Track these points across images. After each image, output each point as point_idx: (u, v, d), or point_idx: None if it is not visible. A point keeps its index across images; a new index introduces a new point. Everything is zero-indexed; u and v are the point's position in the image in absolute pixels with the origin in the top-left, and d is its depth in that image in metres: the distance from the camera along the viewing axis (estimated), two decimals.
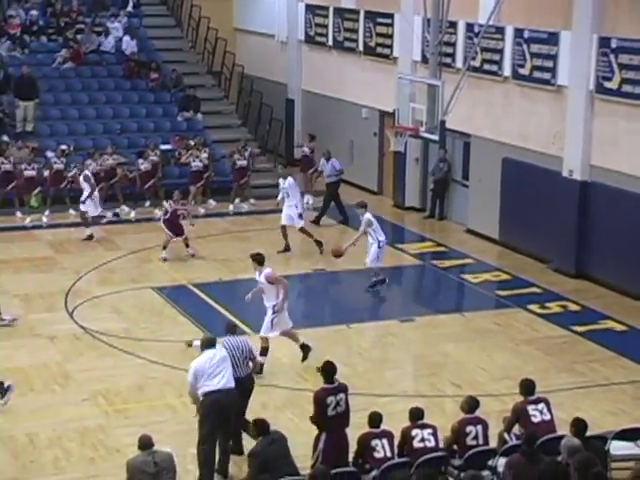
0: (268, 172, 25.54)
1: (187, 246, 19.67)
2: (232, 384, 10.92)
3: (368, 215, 17.73)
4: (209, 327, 15.49)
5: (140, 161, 23.34)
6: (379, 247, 17.62)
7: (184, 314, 16.55)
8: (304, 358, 14.30)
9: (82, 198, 20.78)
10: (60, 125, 25.45)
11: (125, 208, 22.90)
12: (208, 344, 11.14)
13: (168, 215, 19.52)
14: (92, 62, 27.34)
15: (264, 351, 13.94)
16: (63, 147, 23.48)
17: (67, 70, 26.83)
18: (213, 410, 10.76)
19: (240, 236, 21.46)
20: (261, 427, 10.08)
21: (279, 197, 20.35)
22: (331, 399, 10.37)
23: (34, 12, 27.76)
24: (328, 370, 10.61)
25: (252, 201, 23.85)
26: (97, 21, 28.18)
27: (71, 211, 22.47)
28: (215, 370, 10.81)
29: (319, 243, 20.04)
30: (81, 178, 20.95)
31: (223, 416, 10.82)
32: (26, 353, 14.78)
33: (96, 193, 20.97)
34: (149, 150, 23.66)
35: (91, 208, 20.86)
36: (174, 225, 19.47)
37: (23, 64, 25.68)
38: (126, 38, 27.73)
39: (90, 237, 20.72)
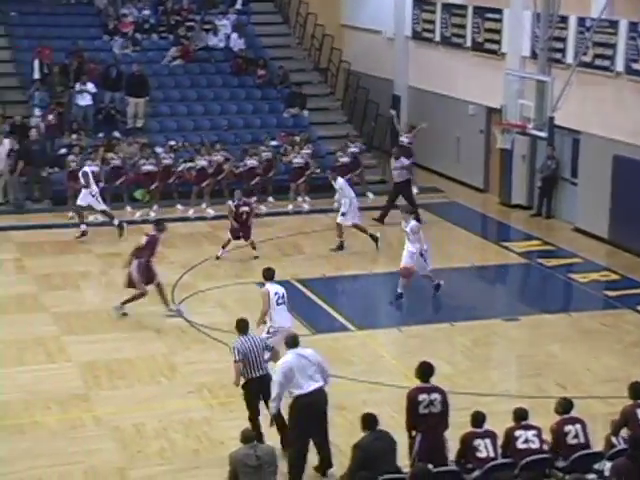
0: (374, 168, 25.53)
1: (254, 248, 19.22)
2: (321, 383, 10.87)
3: (414, 223, 16.98)
4: (312, 322, 15.57)
5: (247, 158, 23.61)
6: (421, 255, 16.81)
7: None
8: None
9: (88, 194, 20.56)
10: (169, 121, 25.91)
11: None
12: (294, 343, 11.07)
13: (233, 215, 19.14)
14: (201, 59, 27.75)
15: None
16: (171, 143, 23.89)
17: (176, 67, 27.31)
18: (304, 413, 10.73)
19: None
20: (369, 422, 10.03)
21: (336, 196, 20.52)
22: (424, 397, 10.24)
23: (146, 11, 28.30)
24: (424, 370, 10.48)
25: (370, 196, 23.90)
26: (206, 19, 28.57)
27: (178, 206, 22.88)
28: (302, 373, 10.75)
29: (374, 237, 19.94)
30: (79, 174, 20.69)
31: (315, 418, 10.79)
32: (134, 345, 15.07)
33: (95, 188, 20.69)
34: (258, 146, 23.94)
35: (93, 202, 20.64)
36: (238, 226, 19.06)
37: (134, 62, 26.23)
38: (234, 35, 28.06)
39: (84, 234, 20.41)
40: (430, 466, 9.53)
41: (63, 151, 23.38)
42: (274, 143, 24.65)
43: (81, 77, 24.90)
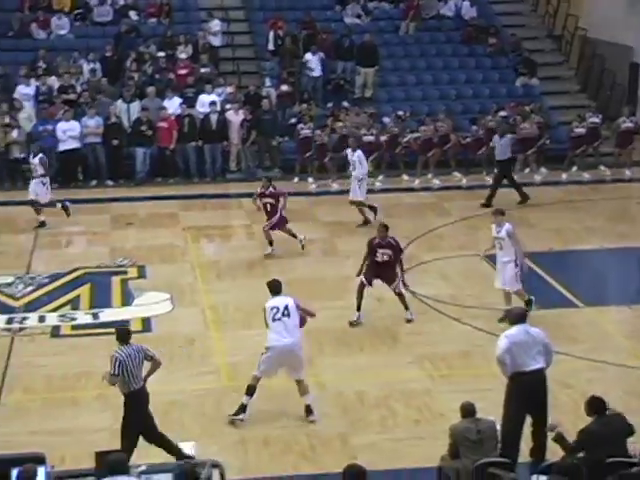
0: (607, 140, 24.59)
1: (294, 237, 17.94)
2: (542, 365, 10.49)
3: (509, 225, 14.67)
4: (537, 297, 15.19)
5: (474, 127, 23.29)
6: (516, 265, 14.53)
7: None
8: None
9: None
10: (398, 91, 25.92)
11: (457, 174, 22.95)
12: (519, 318, 10.69)
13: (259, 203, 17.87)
14: (432, 28, 27.56)
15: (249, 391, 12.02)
16: (399, 113, 23.90)
17: (407, 37, 27.26)
18: (521, 393, 10.41)
19: (574, 206, 20.84)
20: (596, 406, 9.65)
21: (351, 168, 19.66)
22: None
23: None
24: None
25: (602, 168, 23.13)
26: None
27: (404, 176, 22.89)
28: (527, 350, 10.41)
29: (373, 208, 19.39)
30: (36, 160, 19.75)
31: (532, 400, 10.45)
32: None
33: (47, 179, 19.84)
34: (486, 116, 23.58)
35: (42, 194, 19.68)
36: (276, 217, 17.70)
37: (365, 31, 26.38)
38: (466, 3, 27.68)
39: (42, 224, 19.62)
40: None
41: (293, 120, 23.89)
42: (503, 113, 24.17)
43: (311, 47, 25.32)
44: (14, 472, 8.12)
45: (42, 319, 15.08)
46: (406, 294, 15.10)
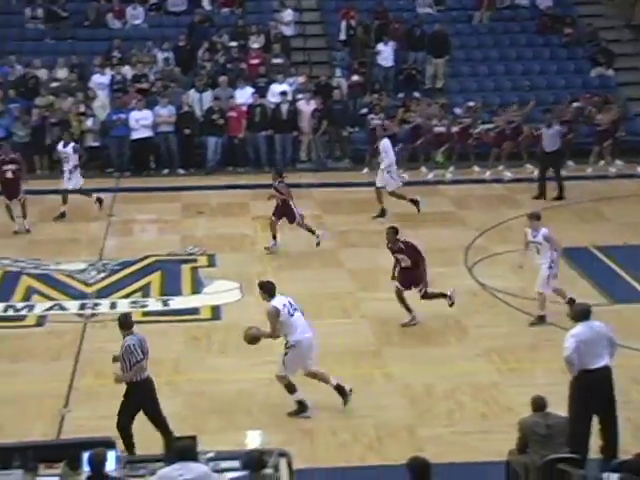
0: None
1: (312, 232, 17.63)
2: (607, 361, 10.25)
3: (546, 230, 14.26)
4: (610, 292, 14.96)
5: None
6: (550, 267, 14.12)
7: (584, 276, 16.11)
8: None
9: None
10: (470, 82, 25.69)
11: (529, 166, 22.67)
12: (584, 315, 10.41)
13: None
14: (506, 18, 27.26)
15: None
16: (470, 104, 23.68)
17: (480, 26, 26.99)
18: (586, 391, 10.22)
19: None
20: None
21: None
22: None
23: None
24: None
25: None
26: None
27: (475, 168, 22.70)
28: (593, 347, 10.19)
29: (415, 202, 19.15)
30: (70, 149, 19.60)
31: (599, 398, 10.26)
32: (426, 305, 15.09)
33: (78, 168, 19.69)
34: (560, 108, 23.25)
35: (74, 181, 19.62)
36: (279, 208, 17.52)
37: (437, 21, 26.19)
38: None
39: (62, 215, 19.54)
40: None
41: (364, 111, 23.83)
42: (577, 104, 23.81)
43: (383, 37, 25.22)
44: (85, 456, 8.25)
45: (114, 305, 15.29)
46: (476, 286, 14.94)
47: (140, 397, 10.37)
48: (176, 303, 15.36)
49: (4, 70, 24.31)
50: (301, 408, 11.73)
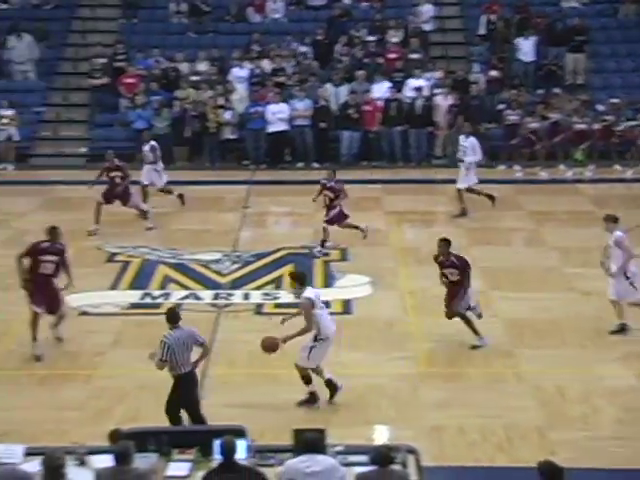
0: None
1: (356, 228, 17.45)
2: None
3: (620, 233, 13.44)
4: None
5: None
6: (627, 278, 13.34)
7: None
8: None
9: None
10: (614, 78, 25.00)
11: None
12: None
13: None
14: None
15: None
16: (614, 100, 23.02)
17: (626, 20, 26.26)
18: None
19: None
20: None
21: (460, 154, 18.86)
22: None
23: None
24: None
25: None
26: None
27: (617, 166, 22.08)
28: None
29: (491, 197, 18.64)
30: (147, 147, 19.52)
31: None
32: (561, 306, 14.81)
33: (161, 164, 19.57)
34: None
35: (156, 180, 19.50)
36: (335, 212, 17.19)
37: (583, 15, 25.58)
38: None
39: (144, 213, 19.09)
40: None
41: (501, 107, 23.47)
42: None
43: (524, 32, 24.77)
44: (216, 443, 8.35)
45: (247, 296, 15.48)
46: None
47: (180, 390, 10.49)
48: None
49: (148, 63, 24.93)
50: (312, 399, 11.66)
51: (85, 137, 24.41)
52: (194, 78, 24.43)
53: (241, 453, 8.36)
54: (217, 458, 8.31)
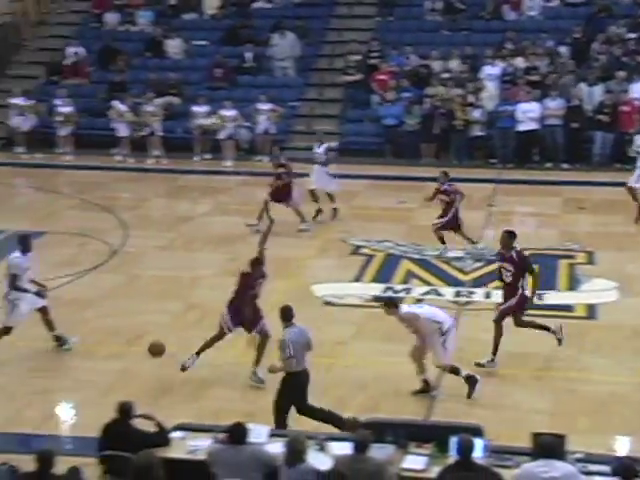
0: None
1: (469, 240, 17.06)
2: None
3: None
4: None
5: None
6: None
7: None
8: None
9: None
10: None
11: None
12: None
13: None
14: None
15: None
16: None
17: None
18: None
19: None
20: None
21: None
22: None
23: None
24: None
25: None
26: None
27: None
28: None
29: None
30: (321, 149, 19.09)
31: None
32: None
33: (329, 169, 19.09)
34: None
35: (327, 183, 19.07)
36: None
37: None
38: None
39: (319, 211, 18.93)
40: None
41: None
42: None
43: None
44: (453, 440, 8.38)
45: (488, 295, 15.32)
46: None
47: (291, 388, 10.44)
48: (550, 298, 15.11)
49: (400, 60, 25.19)
50: (472, 381, 11.52)
51: (336, 132, 24.97)
52: (445, 75, 24.46)
53: (478, 452, 8.35)
54: (453, 455, 8.34)
